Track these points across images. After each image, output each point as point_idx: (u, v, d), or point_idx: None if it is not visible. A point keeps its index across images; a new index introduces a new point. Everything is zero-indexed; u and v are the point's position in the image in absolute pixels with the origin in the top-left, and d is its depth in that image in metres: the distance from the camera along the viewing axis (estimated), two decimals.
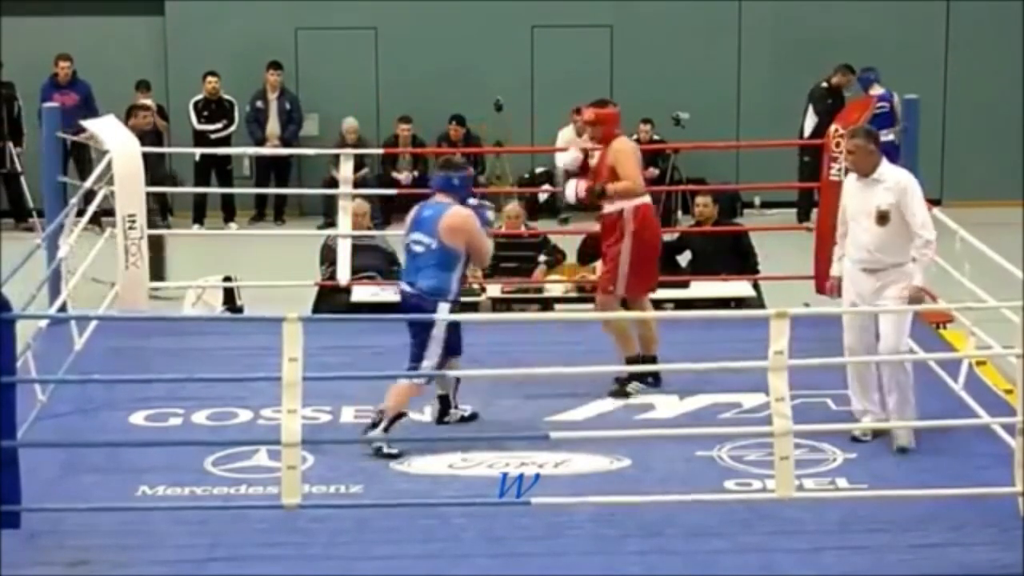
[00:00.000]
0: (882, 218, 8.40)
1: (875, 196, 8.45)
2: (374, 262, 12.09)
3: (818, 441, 8.37)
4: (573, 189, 9.56)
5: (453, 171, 8.96)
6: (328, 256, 11.98)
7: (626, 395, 9.38)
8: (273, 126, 18.22)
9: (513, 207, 12.67)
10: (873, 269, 8.49)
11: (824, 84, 17.56)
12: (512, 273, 12.17)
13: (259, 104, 18.19)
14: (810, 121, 17.13)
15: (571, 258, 12.43)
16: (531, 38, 18.69)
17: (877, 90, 16.76)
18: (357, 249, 11.75)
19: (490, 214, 9.07)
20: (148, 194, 11.26)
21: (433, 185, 9.11)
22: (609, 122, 9.51)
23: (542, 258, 12.33)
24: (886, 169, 8.53)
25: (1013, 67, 18.58)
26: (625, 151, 9.47)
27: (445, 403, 9.04)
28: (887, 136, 14.87)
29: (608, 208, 9.50)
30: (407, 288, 8.78)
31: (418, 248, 8.78)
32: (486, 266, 9.12)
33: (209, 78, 17.88)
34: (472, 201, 8.94)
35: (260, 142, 17.97)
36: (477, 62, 18.62)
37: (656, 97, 17.96)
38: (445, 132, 18.13)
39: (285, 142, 18.03)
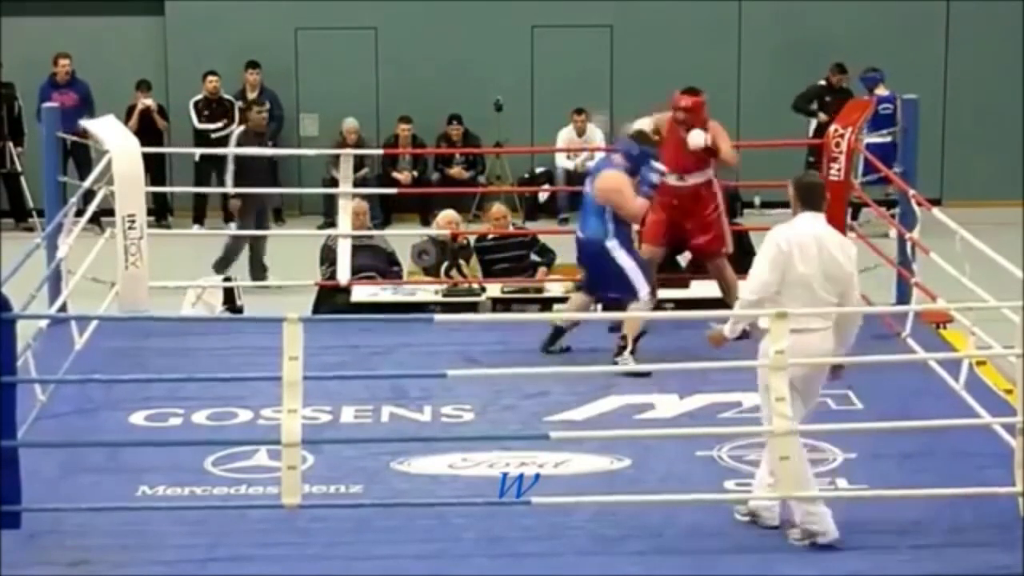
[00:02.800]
0: None
1: None
2: (374, 262, 12.09)
3: (818, 441, 8.37)
4: (702, 137, 10.37)
5: (639, 142, 10.00)
6: (328, 256, 11.97)
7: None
8: None
9: (498, 208, 12.63)
10: None
11: (822, 82, 17.61)
12: (504, 274, 12.15)
13: (239, 104, 18.14)
14: (814, 121, 17.16)
15: (564, 257, 12.37)
16: (531, 38, 18.69)
17: (882, 91, 16.78)
18: (357, 249, 11.75)
19: (654, 176, 9.95)
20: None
21: (617, 144, 10.39)
22: (702, 109, 10.52)
23: (535, 258, 12.32)
24: (795, 220, 7.66)
25: (1013, 67, 18.58)
26: (723, 130, 10.54)
27: (558, 333, 10.09)
28: (886, 137, 14.89)
29: (693, 180, 10.46)
30: (579, 234, 10.11)
31: (586, 194, 10.07)
32: (638, 222, 10.26)
33: (210, 77, 17.87)
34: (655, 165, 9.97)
35: None
36: (477, 62, 18.62)
37: (656, 97, 17.88)
38: (445, 132, 18.14)
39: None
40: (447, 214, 12.44)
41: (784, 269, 7.45)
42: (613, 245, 9.90)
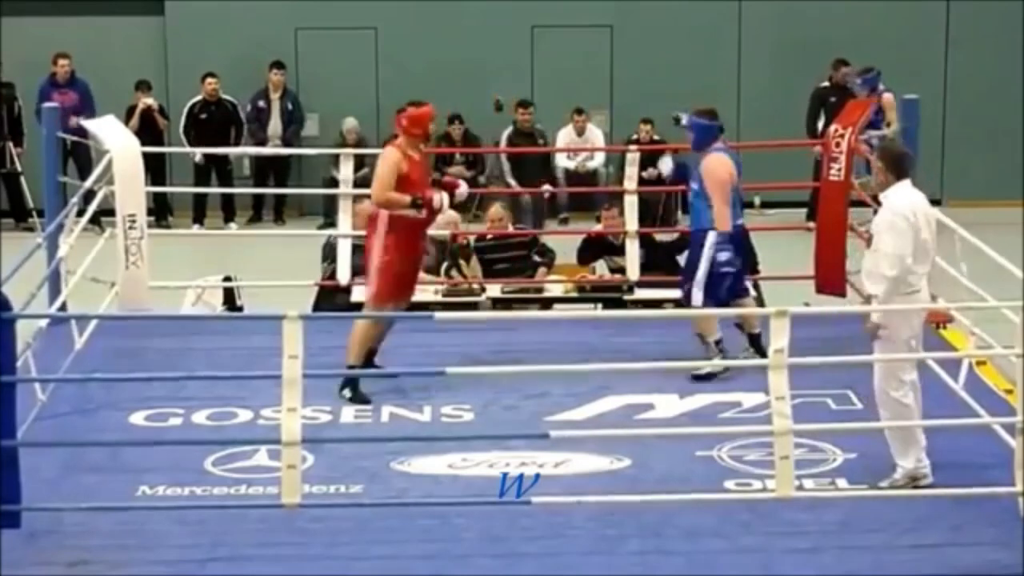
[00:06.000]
0: (869, 241, 8.06)
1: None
2: None
3: (818, 441, 8.38)
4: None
5: (711, 119, 9.90)
6: (330, 255, 11.96)
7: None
8: (275, 126, 18.21)
9: (496, 209, 12.62)
10: None
11: (824, 83, 17.61)
12: (504, 274, 12.14)
13: (261, 104, 18.18)
14: (821, 121, 17.13)
15: (564, 257, 12.39)
16: (531, 38, 18.69)
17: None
18: (357, 249, 11.73)
19: None
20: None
21: (690, 124, 9.94)
22: (404, 125, 9.54)
23: (536, 258, 12.31)
24: (891, 191, 7.97)
25: (1013, 67, 18.59)
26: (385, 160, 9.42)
27: (755, 341, 9.73)
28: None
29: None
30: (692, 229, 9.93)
31: (693, 189, 9.92)
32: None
33: (208, 79, 17.86)
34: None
35: (262, 142, 17.96)
36: (477, 62, 18.62)
37: (656, 97, 17.96)
38: (445, 132, 18.13)
39: (286, 142, 18.03)
40: (447, 214, 12.42)
41: (914, 238, 7.80)
42: (711, 237, 9.63)
